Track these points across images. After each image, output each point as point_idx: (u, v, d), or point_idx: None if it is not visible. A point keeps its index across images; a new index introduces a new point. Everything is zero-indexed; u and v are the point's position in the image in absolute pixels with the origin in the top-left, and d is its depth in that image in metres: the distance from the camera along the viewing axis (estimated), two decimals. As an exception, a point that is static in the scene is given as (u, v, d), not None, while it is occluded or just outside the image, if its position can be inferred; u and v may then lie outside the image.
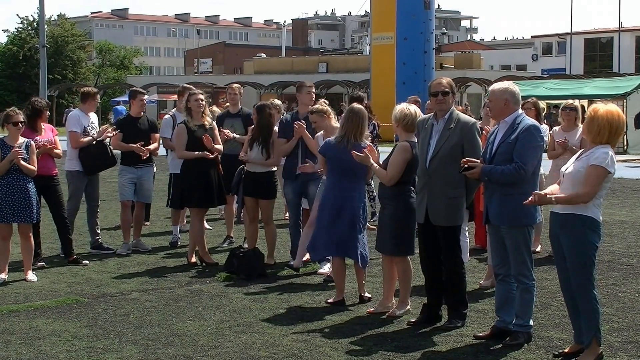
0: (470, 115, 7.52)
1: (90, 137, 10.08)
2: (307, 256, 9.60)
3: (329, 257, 8.51)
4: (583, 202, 5.80)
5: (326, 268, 8.83)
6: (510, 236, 6.35)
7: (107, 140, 10.29)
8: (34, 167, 8.71)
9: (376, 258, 8.56)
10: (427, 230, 6.95)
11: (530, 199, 5.87)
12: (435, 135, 6.83)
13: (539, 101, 10.42)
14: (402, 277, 7.39)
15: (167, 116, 11.21)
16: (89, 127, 10.19)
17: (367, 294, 7.87)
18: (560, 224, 5.94)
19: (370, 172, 7.64)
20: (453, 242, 6.94)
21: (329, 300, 7.74)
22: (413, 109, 7.24)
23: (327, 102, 9.11)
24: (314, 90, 9.53)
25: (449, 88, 6.88)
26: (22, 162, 8.55)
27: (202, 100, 9.59)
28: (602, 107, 5.91)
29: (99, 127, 10.32)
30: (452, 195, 6.80)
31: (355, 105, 8.12)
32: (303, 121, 9.05)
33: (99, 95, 10.55)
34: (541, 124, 7.95)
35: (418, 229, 7.09)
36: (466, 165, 6.37)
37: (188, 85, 11.39)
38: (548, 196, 5.88)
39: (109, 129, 10.24)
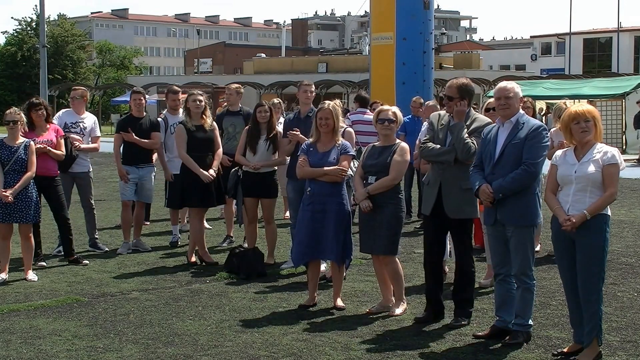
0: None
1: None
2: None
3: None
4: (613, 201, 5.95)
5: (323, 267, 8.83)
6: (518, 235, 6.37)
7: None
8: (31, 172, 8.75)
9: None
10: (434, 224, 7.05)
11: (566, 226, 5.86)
12: None
13: (536, 101, 10.43)
14: (394, 277, 7.40)
15: (159, 118, 11.13)
16: (71, 125, 10.23)
17: (341, 303, 7.59)
18: (583, 226, 5.88)
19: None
20: (465, 236, 7.02)
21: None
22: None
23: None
24: (312, 89, 9.32)
25: (449, 91, 6.99)
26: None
27: (200, 101, 9.58)
28: (587, 105, 6.15)
29: (90, 129, 10.33)
30: (466, 186, 6.82)
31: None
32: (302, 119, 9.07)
33: (80, 94, 10.43)
34: None
35: (424, 222, 7.14)
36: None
37: (176, 88, 11.35)
38: (580, 215, 5.86)
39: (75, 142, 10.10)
